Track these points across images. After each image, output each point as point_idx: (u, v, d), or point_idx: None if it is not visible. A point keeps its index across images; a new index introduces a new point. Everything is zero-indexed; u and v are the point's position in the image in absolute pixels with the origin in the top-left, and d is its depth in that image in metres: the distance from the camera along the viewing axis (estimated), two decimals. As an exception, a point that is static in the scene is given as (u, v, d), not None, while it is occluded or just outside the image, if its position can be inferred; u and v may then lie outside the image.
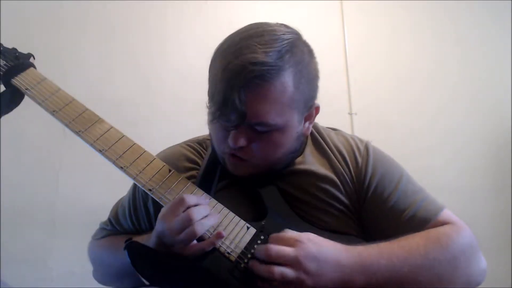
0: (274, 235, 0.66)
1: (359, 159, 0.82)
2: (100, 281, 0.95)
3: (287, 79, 0.70)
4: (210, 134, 0.81)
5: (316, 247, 0.64)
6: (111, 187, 1.57)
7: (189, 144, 0.92)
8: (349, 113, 2.06)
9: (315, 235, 0.67)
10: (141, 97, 1.76)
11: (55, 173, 1.55)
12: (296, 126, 0.76)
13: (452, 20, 2.30)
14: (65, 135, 0.80)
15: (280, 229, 0.71)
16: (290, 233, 0.66)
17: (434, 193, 0.82)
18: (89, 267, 0.94)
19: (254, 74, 0.66)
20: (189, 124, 1.51)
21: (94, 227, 0.99)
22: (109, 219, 0.96)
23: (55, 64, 1.64)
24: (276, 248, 0.63)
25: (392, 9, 2.24)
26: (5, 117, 0.82)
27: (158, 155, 0.87)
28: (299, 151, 0.84)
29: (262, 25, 0.74)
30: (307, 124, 0.81)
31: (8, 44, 0.88)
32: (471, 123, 2.20)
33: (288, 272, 0.61)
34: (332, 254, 0.65)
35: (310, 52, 0.77)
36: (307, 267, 0.62)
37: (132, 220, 0.90)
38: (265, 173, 0.79)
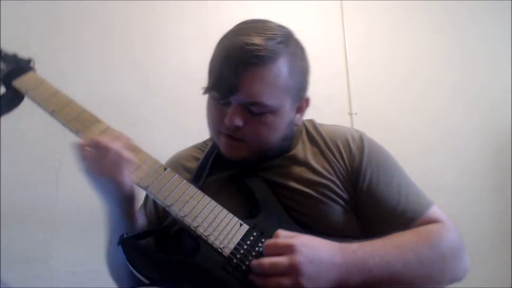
0: (267, 243, 0.66)
1: (354, 148, 0.83)
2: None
3: (283, 65, 0.75)
4: (207, 117, 0.83)
5: (310, 250, 0.64)
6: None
7: (196, 146, 0.97)
8: (349, 113, 2.05)
9: (308, 236, 0.66)
10: (141, 97, 1.76)
11: (55, 173, 1.55)
12: (289, 112, 0.80)
13: (452, 20, 2.30)
14: (65, 135, 0.80)
15: (272, 226, 0.71)
16: (283, 239, 0.65)
17: (434, 193, 0.82)
18: (89, 267, 0.94)
19: (251, 54, 0.71)
20: (189, 124, 1.51)
21: (94, 226, 0.98)
22: None
23: (54, 64, 1.65)
24: (269, 261, 0.63)
25: (392, 9, 2.24)
26: (5, 117, 0.83)
27: (169, 158, 0.95)
28: (291, 142, 0.86)
29: (259, 19, 0.80)
30: (298, 115, 0.84)
31: (8, 44, 0.88)
32: (471, 123, 2.20)
33: (285, 281, 0.61)
34: (326, 255, 0.64)
35: (302, 49, 0.82)
36: (305, 272, 0.61)
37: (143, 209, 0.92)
38: (257, 160, 0.81)
